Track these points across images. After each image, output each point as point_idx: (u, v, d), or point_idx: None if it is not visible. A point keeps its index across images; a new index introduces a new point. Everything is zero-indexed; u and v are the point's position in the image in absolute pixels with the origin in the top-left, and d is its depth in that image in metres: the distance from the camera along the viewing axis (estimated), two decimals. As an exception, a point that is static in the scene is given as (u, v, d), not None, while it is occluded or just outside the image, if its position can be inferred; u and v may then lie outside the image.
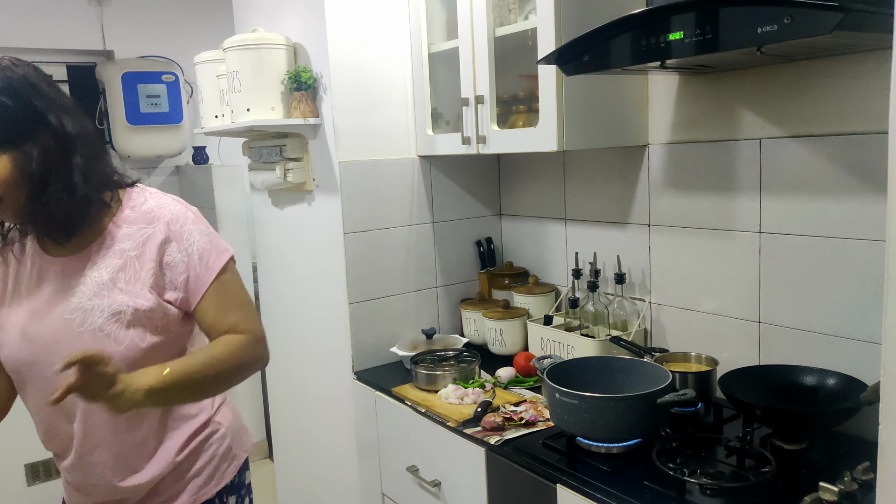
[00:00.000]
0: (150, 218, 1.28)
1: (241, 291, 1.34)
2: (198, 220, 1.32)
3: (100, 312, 1.23)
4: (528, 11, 1.87)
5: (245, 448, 1.48)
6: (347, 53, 2.11)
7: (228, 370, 1.28)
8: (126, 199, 1.31)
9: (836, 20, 1.07)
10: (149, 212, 1.29)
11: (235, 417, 1.50)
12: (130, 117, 3.59)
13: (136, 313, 1.24)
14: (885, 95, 1.37)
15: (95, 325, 1.23)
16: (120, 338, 1.23)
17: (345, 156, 2.14)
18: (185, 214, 1.30)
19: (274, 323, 2.73)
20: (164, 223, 1.27)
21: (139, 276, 1.25)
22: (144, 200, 1.30)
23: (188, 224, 1.29)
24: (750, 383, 1.58)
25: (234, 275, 1.33)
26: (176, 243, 1.27)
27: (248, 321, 1.31)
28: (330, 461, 2.46)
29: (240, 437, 1.48)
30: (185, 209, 1.32)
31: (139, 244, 1.26)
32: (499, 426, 1.71)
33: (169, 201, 1.31)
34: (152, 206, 1.29)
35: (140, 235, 1.27)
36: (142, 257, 1.26)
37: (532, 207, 2.37)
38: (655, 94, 1.91)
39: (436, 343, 2.22)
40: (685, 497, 1.32)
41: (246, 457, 1.48)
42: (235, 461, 1.44)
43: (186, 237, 1.28)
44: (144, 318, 1.25)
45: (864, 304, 1.53)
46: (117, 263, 1.25)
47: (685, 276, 1.90)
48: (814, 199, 1.59)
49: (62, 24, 3.55)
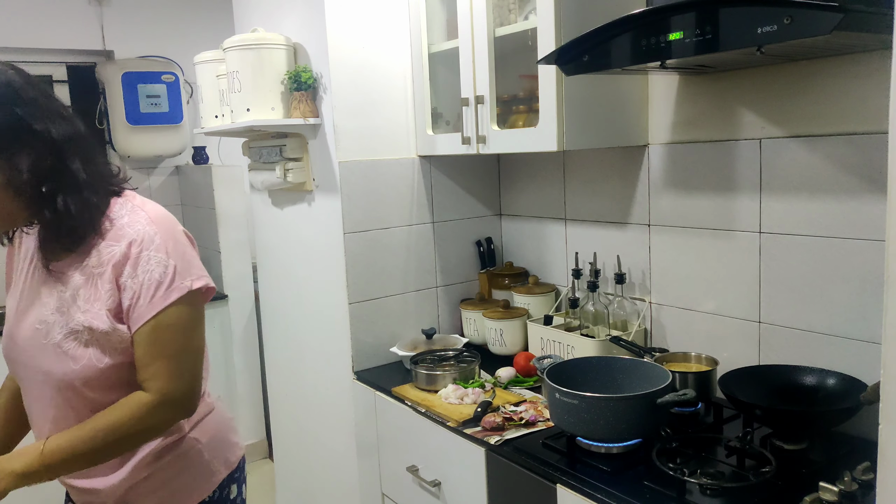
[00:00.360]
0: (118, 236, 1.22)
1: (178, 337, 1.22)
2: (161, 245, 1.21)
3: (59, 329, 1.21)
4: (528, 11, 1.87)
5: (228, 463, 1.41)
6: (347, 53, 2.11)
7: (125, 436, 1.21)
8: (108, 210, 1.25)
9: (835, 20, 1.07)
10: (120, 228, 1.22)
11: (221, 431, 1.41)
12: (130, 117, 3.59)
13: (92, 334, 1.20)
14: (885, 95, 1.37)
15: (55, 340, 1.20)
16: (77, 356, 1.20)
17: (345, 156, 2.14)
18: (150, 237, 1.21)
19: (274, 323, 2.73)
20: (125, 243, 1.21)
21: (98, 295, 1.20)
22: (122, 215, 1.24)
23: (150, 249, 1.20)
24: (750, 383, 1.58)
25: (182, 316, 1.22)
26: (131, 268, 1.20)
27: (165, 378, 1.21)
28: (330, 461, 2.46)
29: (222, 452, 1.40)
30: (154, 232, 1.22)
31: (104, 262, 1.21)
32: (499, 426, 1.71)
33: (141, 220, 1.23)
34: (124, 223, 1.22)
35: (107, 252, 1.21)
36: (103, 276, 1.21)
37: (532, 207, 2.37)
38: (655, 94, 1.91)
39: (436, 343, 2.22)
40: (685, 497, 1.32)
41: (229, 472, 1.40)
42: (215, 477, 1.37)
43: (143, 264, 1.19)
44: (102, 339, 1.21)
45: (864, 304, 1.53)
46: (80, 280, 1.21)
47: (685, 276, 1.90)
48: (814, 199, 1.59)
49: (62, 24, 3.55)
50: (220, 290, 3.63)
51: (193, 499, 1.35)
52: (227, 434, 1.43)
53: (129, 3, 3.70)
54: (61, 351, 1.21)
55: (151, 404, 1.21)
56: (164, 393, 1.21)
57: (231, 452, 1.42)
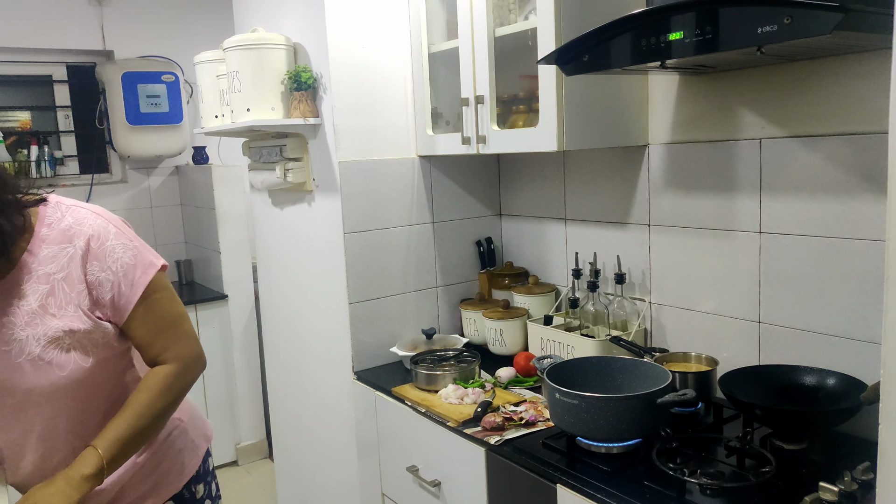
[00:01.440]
0: (69, 236, 1.21)
1: (170, 307, 1.30)
2: (120, 233, 1.25)
3: (36, 342, 1.19)
4: (528, 11, 1.87)
5: (206, 437, 1.49)
6: (347, 53, 2.11)
7: (163, 409, 1.28)
8: (40, 218, 1.23)
9: (836, 20, 1.07)
10: (67, 229, 1.22)
11: (193, 409, 1.50)
12: (130, 117, 3.59)
13: (73, 336, 1.21)
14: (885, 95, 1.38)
15: (34, 354, 1.19)
16: (62, 363, 1.21)
17: (345, 156, 2.14)
18: (105, 229, 1.23)
19: (274, 323, 2.73)
20: (83, 240, 1.21)
21: (70, 298, 1.21)
22: (61, 217, 1.23)
23: (110, 239, 1.23)
24: (750, 383, 1.58)
25: (163, 289, 1.29)
26: (98, 262, 1.21)
27: (175, 344, 1.29)
28: (330, 461, 2.46)
29: (200, 427, 1.49)
30: (107, 223, 1.25)
31: (64, 265, 1.21)
32: (499, 426, 1.71)
33: (88, 215, 1.24)
34: (70, 223, 1.22)
35: (63, 256, 1.21)
36: (69, 278, 1.21)
37: (532, 207, 2.37)
38: (655, 94, 1.91)
39: (436, 343, 2.22)
40: (685, 497, 1.32)
41: (208, 445, 1.49)
42: (199, 451, 1.45)
43: (109, 254, 1.22)
44: (84, 339, 1.22)
45: (864, 304, 1.53)
46: (44, 289, 1.20)
47: (685, 276, 1.90)
48: (814, 199, 1.59)
49: (62, 24, 3.55)
50: (220, 290, 3.64)
51: (185, 475, 1.42)
52: (197, 412, 1.52)
53: (129, 3, 3.70)
54: (43, 363, 1.20)
55: (175, 373, 1.29)
56: (181, 358, 1.30)
57: (206, 427, 1.52)
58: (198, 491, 1.45)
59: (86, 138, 3.78)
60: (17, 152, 3.57)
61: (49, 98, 3.72)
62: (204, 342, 3.74)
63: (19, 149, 3.58)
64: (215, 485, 1.53)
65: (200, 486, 1.46)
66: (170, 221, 3.98)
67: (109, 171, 3.88)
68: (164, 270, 1.31)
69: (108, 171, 3.87)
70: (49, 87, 3.71)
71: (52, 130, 3.74)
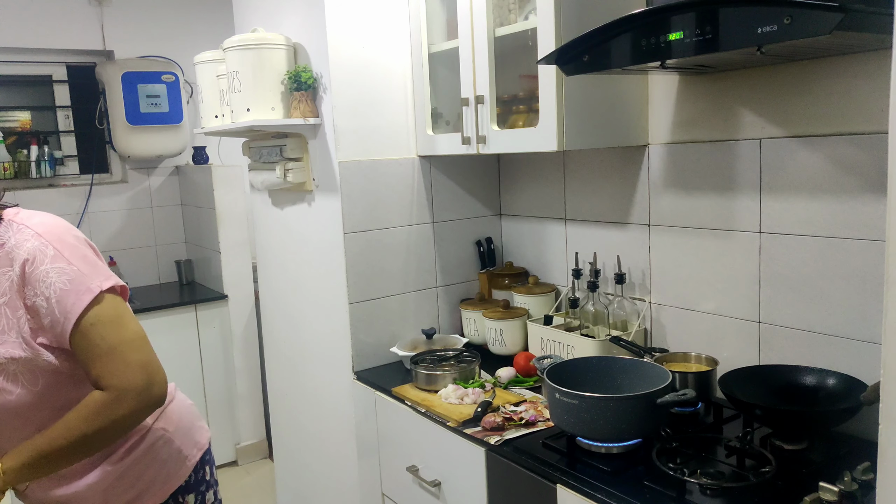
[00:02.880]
0: (10, 259, 1.17)
1: (109, 334, 1.19)
2: (58, 255, 1.17)
3: None
4: (528, 11, 1.87)
5: (199, 446, 1.44)
6: (347, 53, 2.11)
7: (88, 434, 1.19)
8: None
9: (835, 20, 1.07)
10: (10, 251, 1.17)
11: (185, 417, 1.43)
12: (130, 117, 3.59)
13: (16, 363, 1.18)
14: (885, 95, 1.38)
15: None
16: (8, 388, 1.18)
17: (345, 156, 2.14)
18: (42, 251, 1.16)
19: (274, 323, 2.73)
20: (18, 265, 1.16)
21: (11, 323, 1.17)
22: (8, 237, 1.18)
23: (45, 263, 1.16)
24: (750, 383, 1.58)
25: (104, 313, 1.19)
26: (32, 287, 1.16)
27: (111, 374, 1.18)
28: (330, 461, 2.46)
29: (191, 437, 1.43)
30: (45, 245, 1.17)
31: (6, 289, 1.17)
32: (499, 426, 1.71)
33: (28, 237, 1.18)
34: (12, 245, 1.17)
35: (6, 280, 1.17)
36: (10, 303, 1.17)
37: (532, 207, 2.37)
38: (655, 94, 1.91)
39: (436, 343, 2.22)
40: (685, 497, 1.32)
41: (201, 454, 1.44)
42: (188, 461, 1.41)
43: (42, 279, 1.15)
44: (28, 364, 1.18)
45: (864, 304, 1.53)
46: None
47: (685, 276, 1.90)
48: (814, 199, 1.59)
49: (62, 24, 3.55)
50: (220, 291, 3.64)
51: (171, 485, 1.38)
52: (191, 420, 1.45)
53: (129, 3, 3.70)
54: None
55: (106, 401, 1.18)
56: (117, 388, 1.18)
57: (200, 435, 1.46)
58: (187, 501, 1.41)
59: (86, 138, 3.78)
60: (17, 152, 3.57)
61: (49, 98, 3.72)
62: (204, 342, 3.76)
63: (19, 149, 3.58)
64: (213, 494, 1.48)
65: (191, 496, 1.41)
66: (170, 221, 3.98)
67: (109, 171, 3.88)
68: (114, 293, 1.22)
69: (108, 171, 3.87)
70: (49, 87, 3.71)
71: (52, 130, 3.74)
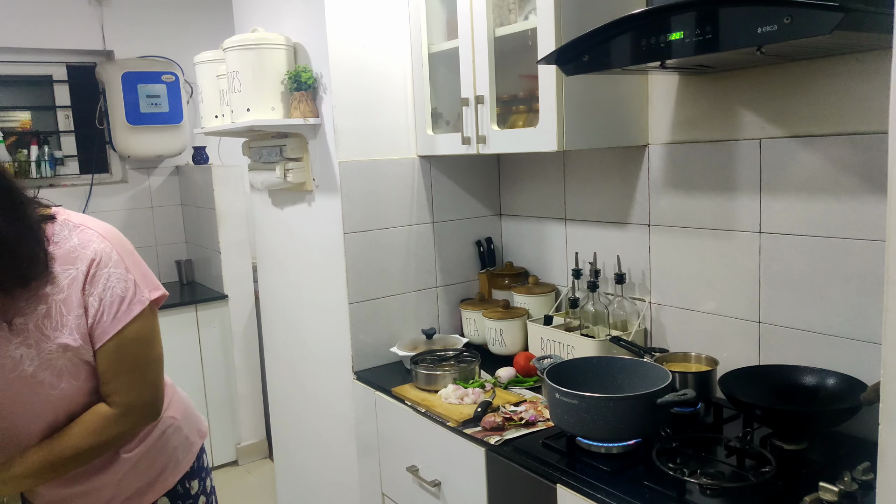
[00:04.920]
0: (73, 258, 1.20)
1: (142, 351, 1.26)
2: (120, 260, 1.22)
3: (30, 361, 1.19)
4: (528, 11, 1.87)
5: (200, 433, 1.50)
6: (347, 53, 2.11)
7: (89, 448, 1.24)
8: (48, 236, 1.21)
9: (836, 20, 1.07)
10: (72, 250, 1.20)
11: (187, 406, 1.49)
12: (130, 117, 3.59)
13: (65, 356, 1.20)
14: (885, 95, 1.38)
15: (26, 372, 1.19)
16: (54, 383, 1.21)
17: (345, 156, 2.14)
18: (108, 255, 1.21)
19: (274, 323, 2.73)
20: (85, 264, 1.20)
21: (66, 321, 1.19)
22: (68, 236, 1.22)
23: (109, 266, 1.21)
24: (750, 383, 1.58)
25: (144, 328, 1.25)
26: (91, 286, 1.20)
27: (128, 391, 1.25)
28: (330, 461, 2.46)
29: (194, 424, 1.49)
30: (110, 248, 1.22)
31: (64, 287, 1.19)
32: (499, 426, 1.71)
33: (93, 238, 1.22)
34: (76, 244, 1.21)
35: (65, 278, 1.19)
36: (68, 301, 1.19)
37: (532, 207, 2.37)
38: (655, 94, 1.91)
39: (436, 343, 2.22)
40: (685, 497, 1.32)
41: (202, 441, 1.50)
42: (193, 448, 1.46)
43: (104, 282, 1.20)
44: (75, 358, 1.21)
45: (864, 304, 1.53)
46: (42, 309, 1.19)
47: (685, 276, 1.90)
48: (814, 199, 1.59)
49: (62, 24, 3.55)
50: (220, 290, 3.64)
51: (179, 471, 1.43)
52: (191, 408, 1.52)
53: (129, 3, 3.70)
54: (35, 381, 1.20)
55: (113, 417, 1.25)
56: (126, 405, 1.26)
57: (200, 423, 1.52)
58: (192, 487, 1.46)
59: (86, 138, 3.78)
60: (17, 152, 3.57)
61: (49, 98, 3.72)
62: (204, 342, 3.76)
63: (19, 149, 3.58)
64: (210, 480, 1.54)
65: (195, 481, 1.47)
66: (170, 221, 3.98)
67: (109, 171, 3.88)
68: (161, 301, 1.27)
69: (108, 171, 3.87)
70: (49, 87, 3.71)
71: (52, 130, 3.73)
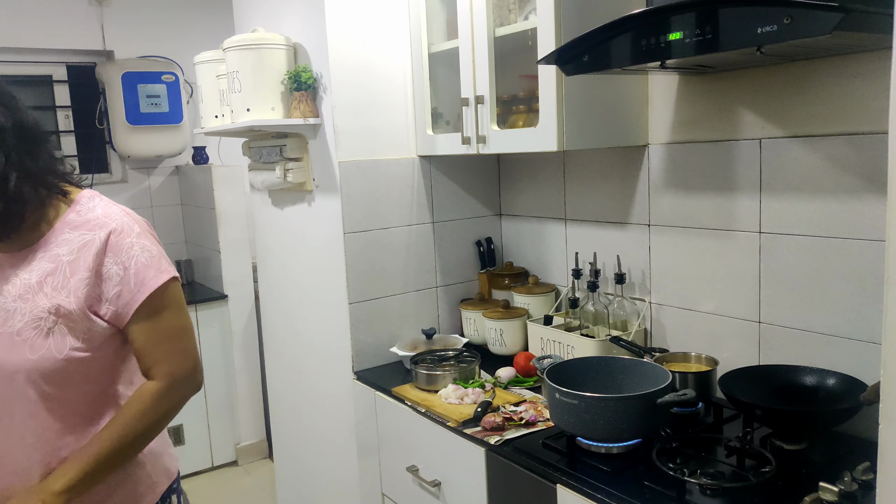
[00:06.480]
0: (93, 225, 1.24)
1: (175, 318, 1.29)
2: (143, 233, 1.27)
3: (21, 316, 1.19)
4: (528, 11, 1.87)
5: (168, 474, 1.41)
6: (347, 53, 2.11)
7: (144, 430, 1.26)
8: (75, 202, 1.26)
9: (836, 20, 1.07)
10: (94, 219, 1.24)
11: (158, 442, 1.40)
12: (130, 117, 3.59)
13: (57, 317, 1.19)
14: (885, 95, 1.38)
15: (14, 328, 1.18)
16: (36, 346, 1.19)
17: (345, 156, 2.14)
18: (130, 227, 1.25)
19: (274, 323, 2.73)
20: (105, 232, 1.23)
21: (68, 282, 1.20)
22: (93, 207, 1.26)
23: (131, 237, 1.24)
24: (750, 383, 1.58)
25: (173, 298, 1.28)
26: (113, 255, 1.22)
27: (169, 359, 1.27)
28: (330, 461, 2.46)
29: (161, 463, 1.40)
30: (132, 221, 1.27)
31: (75, 249, 1.22)
32: (499, 426, 1.71)
33: (117, 211, 1.27)
34: (98, 215, 1.25)
35: (78, 241, 1.22)
36: (74, 263, 1.21)
37: (532, 207, 2.37)
38: (655, 94, 1.91)
39: (436, 343, 2.22)
40: (685, 497, 1.32)
41: (170, 482, 1.40)
42: (158, 487, 1.37)
43: (126, 250, 1.23)
44: (66, 324, 1.20)
45: (864, 304, 1.53)
46: (48, 267, 1.21)
47: (685, 276, 1.90)
48: (814, 199, 1.59)
49: (62, 24, 3.55)
50: (220, 290, 3.64)
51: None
52: (163, 446, 1.42)
53: (129, 3, 3.70)
54: (19, 339, 1.18)
55: (161, 391, 1.26)
56: (172, 375, 1.27)
57: (170, 463, 1.43)
58: None
59: (86, 138, 3.78)
60: (17, 152, 3.57)
61: (49, 98, 3.72)
62: (204, 342, 3.77)
63: (19, 149, 3.58)
64: None
65: None
66: (170, 221, 3.98)
67: (109, 171, 3.88)
68: (177, 282, 1.30)
69: (108, 171, 3.87)
70: (49, 87, 3.70)
71: (52, 130, 3.73)
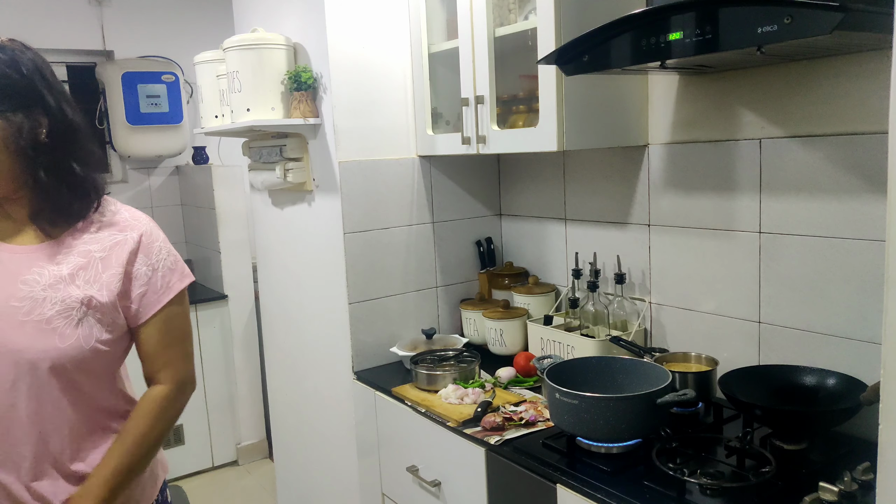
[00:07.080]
0: (123, 226, 1.30)
1: (184, 322, 1.37)
2: (166, 240, 1.36)
3: (51, 305, 1.21)
4: (528, 11, 1.87)
5: (163, 467, 1.48)
6: (347, 53, 2.11)
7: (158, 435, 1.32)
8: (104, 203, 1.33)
9: (836, 20, 1.07)
10: (122, 221, 1.31)
11: None
12: (130, 117, 3.59)
13: (88, 309, 1.22)
14: (885, 95, 1.38)
15: (44, 316, 1.20)
16: (66, 335, 1.21)
17: (345, 156, 2.14)
18: (157, 231, 1.34)
19: (274, 323, 2.73)
20: (137, 233, 1.29)
21: (100, 277, 1.25)
22: (117, 210, 1.32)
23: (159, 241, 1.33)
24: (750, 383, 1.58)
25: (185, 302, 1.37)
26: (144, 256, 1.29)
27: (175, 364, 1.34)
28: (330, 461, 2.46)
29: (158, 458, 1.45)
30: (157, 229, 1.35)
31: (107, 247, 1.27)
32: (499, 426, 1.71)
33: (142, 217, 1.35)
34: (126, 217, 1.32)
35: (110, 240, 1.27)
36: (107, 260, 1.26)
37: (532, 207, 2.37)
38: (655, 94, 1.91)
39: (436, 343, 2.22)
40: (685, 497, 1.32)
41: (166, 475, 1.48)
42: (157, 481, 1.43)
43: (156, 253, 1.31)
44: (95, 315, 1.23)
45: (864, 304, 1.53)
46: (80, 262, 1.25)
47: (685, 276, 1.90)
48: (814, 199, 1.59)
49: (62, 24, 3.55)
50: (220, 290, 3.64)
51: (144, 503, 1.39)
52: None
53: (129, 3, 3.70)
54: (49, 328, 1.20)
55: (171, 395, 1.33)
56: (177, 379, 1.34)
57: (162, 457, 1.50)
58: None
59: (86, 138, 3.78)
60: (17, 152, 3.57)
61: (49, 98, 3.71)
62: (204, 342, 3.77)
63: (19, 149, 3.58)
64: None
65: None
66: (170, 221, 3.98)
67: (110, 171, 3.88)
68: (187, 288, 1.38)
69: (108, 171, 3.87)
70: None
71: (52, 130, 3.73)
